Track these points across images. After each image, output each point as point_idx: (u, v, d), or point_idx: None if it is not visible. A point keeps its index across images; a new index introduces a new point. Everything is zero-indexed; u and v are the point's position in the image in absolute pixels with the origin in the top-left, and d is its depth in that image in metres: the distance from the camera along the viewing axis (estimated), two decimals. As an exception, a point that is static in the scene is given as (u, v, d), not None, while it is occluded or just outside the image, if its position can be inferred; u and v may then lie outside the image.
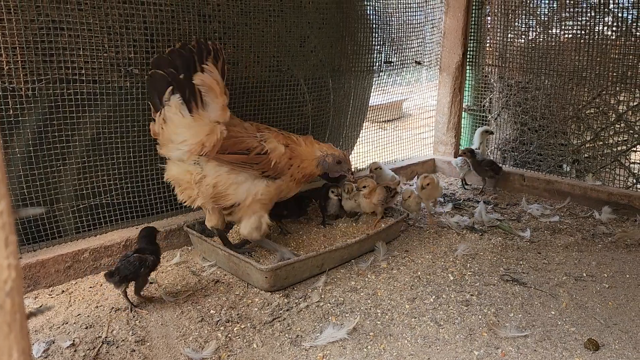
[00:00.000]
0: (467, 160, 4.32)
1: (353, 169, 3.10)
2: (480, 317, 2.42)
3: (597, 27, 3.96)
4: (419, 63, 4.75)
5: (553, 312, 2.46)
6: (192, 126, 2.61)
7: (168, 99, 2.58)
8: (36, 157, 2.69)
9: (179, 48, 2.64)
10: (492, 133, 4.53)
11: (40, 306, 2.53)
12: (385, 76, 4.54)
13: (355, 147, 4.58)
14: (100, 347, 2.19)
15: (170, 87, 2.57)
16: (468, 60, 4.75)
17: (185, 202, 2.83)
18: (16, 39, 2.49)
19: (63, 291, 2.68)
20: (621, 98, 3.98)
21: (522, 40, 4.42)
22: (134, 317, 2.43)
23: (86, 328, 2.33)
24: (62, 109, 2.70)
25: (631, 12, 3.80)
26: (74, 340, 2.22)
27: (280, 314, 2.46)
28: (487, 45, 4.67)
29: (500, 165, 4.34)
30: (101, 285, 2.75)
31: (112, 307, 2.50)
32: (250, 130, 2.86)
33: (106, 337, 2.26)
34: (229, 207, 2.83)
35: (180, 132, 2.62)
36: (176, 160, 2.71)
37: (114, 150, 2.97)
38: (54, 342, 2.20)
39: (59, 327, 2.34)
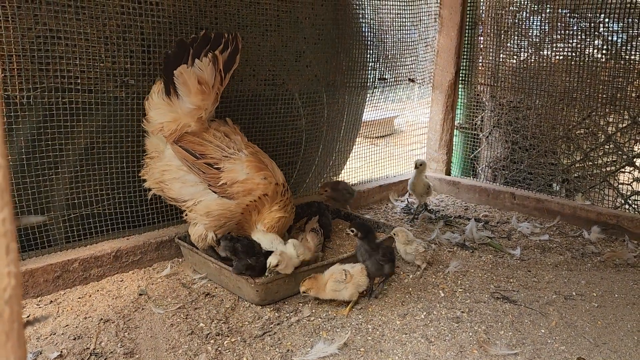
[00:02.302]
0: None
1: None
2: (470, 334, 2.42)
3: (587, 50, 4.04)
4: (412, 80, 4.80)
5: (543, 331, 2.47)
6: (159, 107, 2.77)
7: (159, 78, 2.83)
8: (28, 165, 2.68)
9: (186, 39, 2.79)
10: (419, 165, 4.04)
11: (28, 316, 2.49)
12: (378, 92, 4.58)
13: (347, 162, 4.60)
14: (89, 358, 2.16)
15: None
16: (460, 78, 4.81)
17: (142, 176, 2.95)
18: (13, 47, 2.49)
19: (51, 301, 2.65)
20: (610, 119, 4.04)
21: (514, 61, 4.49)
22: (123, 328, 2.40)
23: (74, 339, 2.30)
24: (57, 117, 2.70)
25: (620, 35, 3.88)
26: (61, 352, 2.20)
27: (271, 328, 2.45)
28: (480, 64, 4.74)
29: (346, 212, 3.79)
30: (90, 296, 2.72)
31: (101, 319, 2.48)
32: (232, 143, 2.84)
33: (94, 348, 2.24)
34: (178, 201, 2.89)
35: (152, 109, 2.80)
36: (151, 133, 2.86)
37: (107, 160, 2.96)
38: (41, 353, 2.17)
39: (47, 338, 2.31)
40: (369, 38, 4.33)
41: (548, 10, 4.19)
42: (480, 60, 4.73)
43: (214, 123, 2.91)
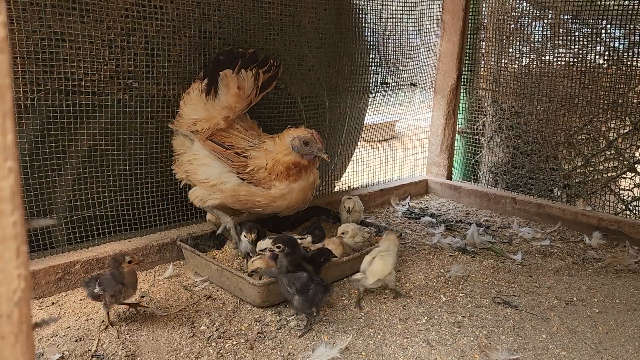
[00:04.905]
0: None
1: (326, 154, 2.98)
2: (472, 339, 2.43)
3: (589, 56, 4.05)
4: (414, 85, 4.82)
5: (544, 336, 2.47)
6: (196, 104, 2.99)
7: (201, 78, 3.04)
8: (32, 167, 2.69)
9: (236, 50, 3.11)
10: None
11: (39, 319, 2.49)
12: (380, 96, 4.60)
13: (349, 166, 4.61)
14: (90, 360, 2.17)
15: (202, 72, 3.09)
16: (462, 83, 4.82)
17: (173, 171, 3.16)
18: (17, 49, 2.50)
19: (53, 303, 2.65)
20: (612, 125, 4.05)
21: (516, 66, 4.50)
22: (124, 331, 2.41)
23: (76, 341, 2.30)
24: (60, 119, 2.71)
25: (622, 42, 3.89)
26: (63, 354, 2.20)
27: (272, 331, 2.45)
28: (482, 69, 4.75)
29: None
30: (92, 297, 2.73)
31: (103, 321, 2.48)
32: (252, 136, 3.07)
33: (96, 350, 2.24)
34: (203, 182, 3.06)
35: (187, 105, 3.01)
36: (180, 132, 3.07)
37: (110, 162, 2.97)
38: (42, 355, 2.18)
39: (48, 340, 2.31)
40: (372, 42, 4.34)
41: (550, 16, 4.21)
42: (482, 65, 4.74)
43: (237, 119, 3.10)
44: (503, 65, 4.56)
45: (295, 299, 2.45)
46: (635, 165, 3.97)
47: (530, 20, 4.37)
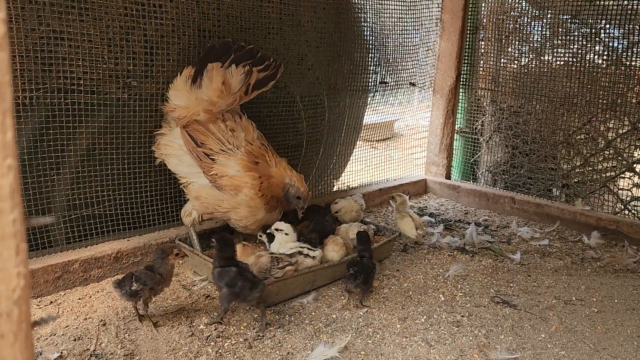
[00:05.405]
0: None
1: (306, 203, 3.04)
2: (471, 338, 2.43)
3: (588, 55, 4.05)
4: (413, 84, 4.82)
5: (543, 335, 2.48)
6: (179, 90, 2.93)
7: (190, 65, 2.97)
8: (30, 166, 2.68)
9: (233, 43, 3.03)
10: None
11: (38, 318, 2.49)
12: (379, 96, 4.60)
13: (347, 165, 4.60)
14: (89, 359, 2.16)
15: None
16: (461, 83, 4.82)
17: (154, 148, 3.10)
18: (16, 47, 2.49)
19: (51, 302, 2.64)
20: (610, 125, 4.05)
21: (515, 66, 4.50)
22: (123, 330, 2.41)
23: (74, 340, 2.30)
24: (59, 118, 2.70)
25: (621, 42, 3.89)
26: (61, 353, 2.19)
27: (271, 330, 2.45)
28: (481, 69, 4.75)
29: None
30: (90, 297, 2.72)
31: (101, 320, 2.47)
32: (233, 139, 2.94)
33: (94, 349, 2.23)
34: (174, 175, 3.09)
35: (172, 89, 2.96)
36: (166, 112, 3.03)
37: (109, 161, 2.96)
38: (41, 354, 2.17)
39: (47, 339, 2.30)
40: (371, 41, 4.34)
41: (549, 16, 4.21)
42: (481, 65, 4.75)
43: (228, 114, 3.01)
44: (502, 64, 4.56)
45: (222, 291, 2.46)
46: (634, 165, 3.97)
47: (529, 20, 4.37)
